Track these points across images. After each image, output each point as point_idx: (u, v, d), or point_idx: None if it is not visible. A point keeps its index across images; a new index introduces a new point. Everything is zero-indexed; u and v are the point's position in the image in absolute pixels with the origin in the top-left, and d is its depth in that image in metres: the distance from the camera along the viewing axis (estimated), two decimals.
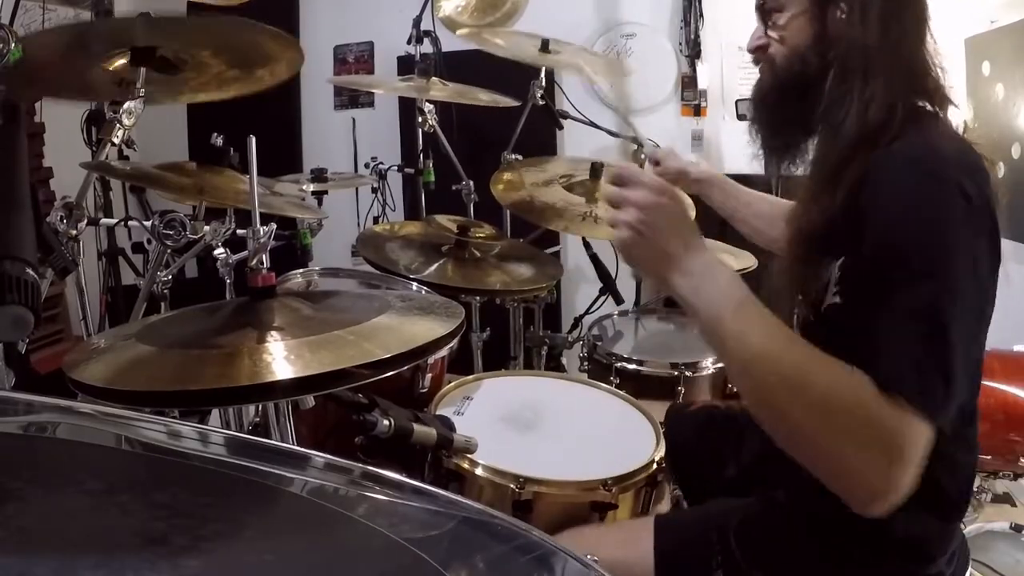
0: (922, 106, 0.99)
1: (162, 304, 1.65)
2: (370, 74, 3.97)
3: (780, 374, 0.87)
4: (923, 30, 1.01)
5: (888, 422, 0.81)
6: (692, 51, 3.47)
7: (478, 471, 1.20)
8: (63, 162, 2.90)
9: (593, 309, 2.48)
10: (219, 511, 0.55)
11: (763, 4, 1.09)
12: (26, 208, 0.89)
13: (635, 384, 1.88)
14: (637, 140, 1.73)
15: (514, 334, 2.37)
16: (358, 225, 3.48)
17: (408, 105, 3.43)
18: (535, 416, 1.43)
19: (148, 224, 1.48)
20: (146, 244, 2.86)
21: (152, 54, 1.46)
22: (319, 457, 0.64)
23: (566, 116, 2.54)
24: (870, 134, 0.95)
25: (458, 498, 0.61)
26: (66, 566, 0.45)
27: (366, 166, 3.10)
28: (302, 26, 4.07)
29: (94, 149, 1.64)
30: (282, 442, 1.13)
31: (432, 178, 2.79)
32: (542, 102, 2.40)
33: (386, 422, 0.98)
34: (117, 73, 1.51)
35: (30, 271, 0.81)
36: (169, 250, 1.52)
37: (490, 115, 2.24)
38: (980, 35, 2.57)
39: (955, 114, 1.03)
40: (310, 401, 1.01)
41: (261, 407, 1.39)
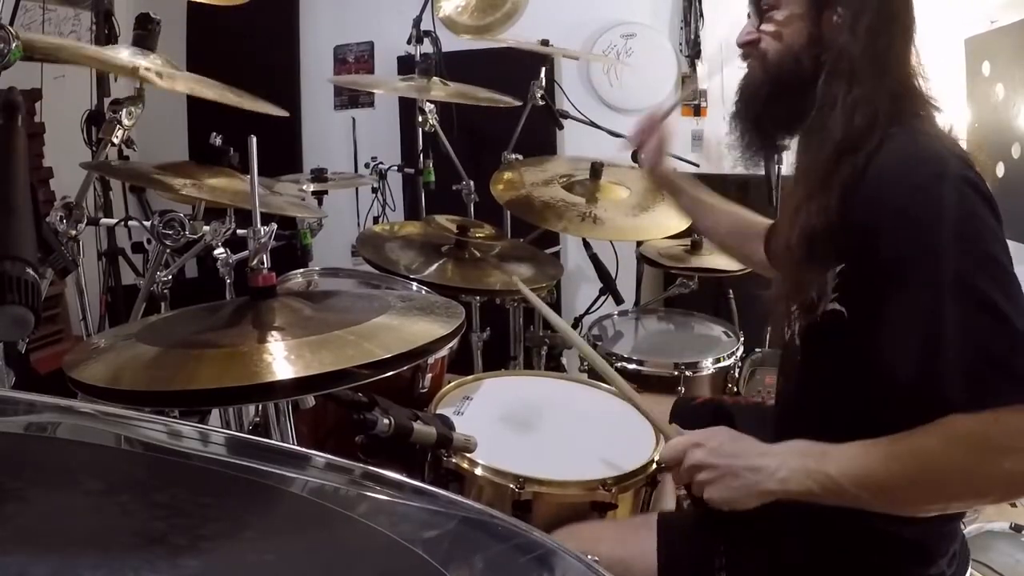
0: (907, 110, 1.00)
1: (162, 304, 1.65)
2: (370, 74, 3.97)
3: (906, 478, 0.88)
4: (909, 41, 1.03)
5: (994, 428, 0.81)
6: (692, 51, 3.47)
7: (478, 471, 1.20)
8: (63, 162, 2.91)
9: (593, 309, 2.48)
10: (219, 511, 0.55)
11: None
12: (26, 208, 0.89)
13: (635, 384, 1.88)
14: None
15: (514, 334, 2.37)
16: (358, 225, 3.48)
17: (408, 105, 3.44)
18: (535, 416, 1.43)
19: (148, 224, 1.49)
20: (146, 244, 2.85)
21: None
22: (319, 457, 0.64)
23: (566, 116, 2.54)
24: (857, 138, 0.97)
25: (458, 498, 0.61)
26: (66, 566, 0.45)
27: (366, 166, 3.10)
28: (302, 26, 4.05)
29: (94, 149, 1.64)
30: (282, 442, 1.13)
31: (432, 178, 2.79)
32: (542, 102, 2.40)
33: (386, 421, 0.98)
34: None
35: (30, 271, 0.81)
36: (169, 250, 1.53)
37: (490, 115, 2.24)
38: (980, 35, 2.57)
39: (955, 114, 1.04)
40: (310, 401, 1.01)
41: (261, 407, 1.39)
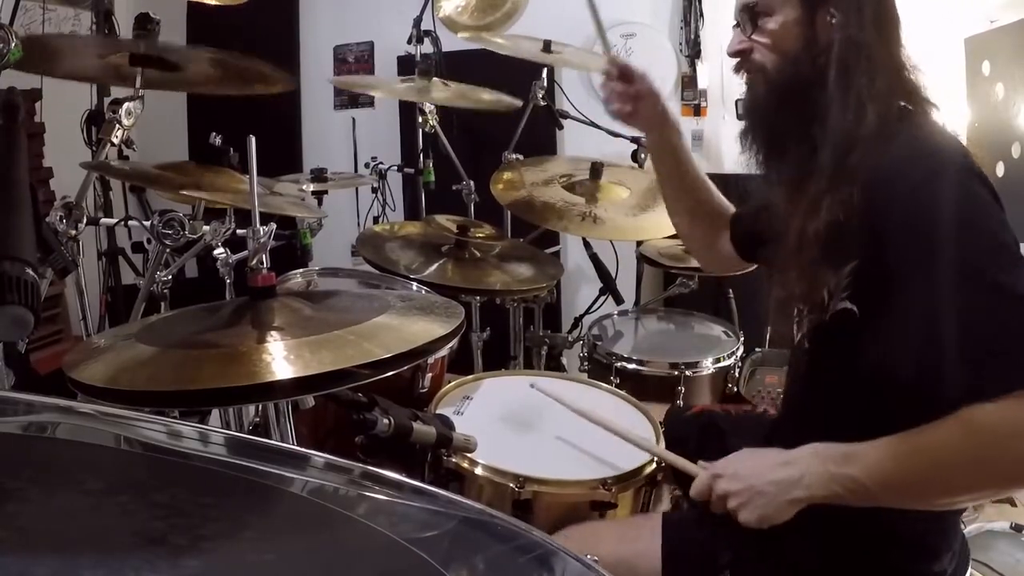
0: (913, 104, 1.00)
1: (162, 304, 1.65)
2: (370, 74, 3.97)
3: (930, 473, 0.89)
4: (900, 32, 1.03)
5: (1007, 416, 0.82)
6: (692, 51, 3.47)
7: (478, 471, 1.20)
8: (63, 162, 2.90)
9: (593, 309, 2.48)
10: (219, 511, 0.55)
11: (752, 7, 1.08)
12: (26, 208, 0.89)
13: (635, 384, 1.89)
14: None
15: (514, 334, 2.37)
16: (358, 225, 3.48)
17: (408, 105, 3.43)
18: (535, 416, 1.43)
19: (148, 224, 1.49)
20: (146, 244, 2.85)
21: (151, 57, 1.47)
22: (319, 457, 0.64)
23: (566, 116, 2.54)
24: (870, 132, 0.96)
25: (458, 498, 0.61)
26: (66, 566, 0.45)
27: (366, 166, 3.10)
28: (302, 26, 4.04)
29: (94, 149, 1.64)
30: (282, 442, 1.13)
31: (432, 178, 2.79)
32: (543, 102, 2.40)
33: (386, 420, 0.98)
34: (116, 67, 1.52)
35: (30, 271, 0.81)
36: (169, 250, 1.53)
37: (490, 115, 2.24)
38: (980, 35, 2.57)
39: (955, 114, 1.04)
40: (310, 401, 1.01)
41: (261, 407, 1.39)
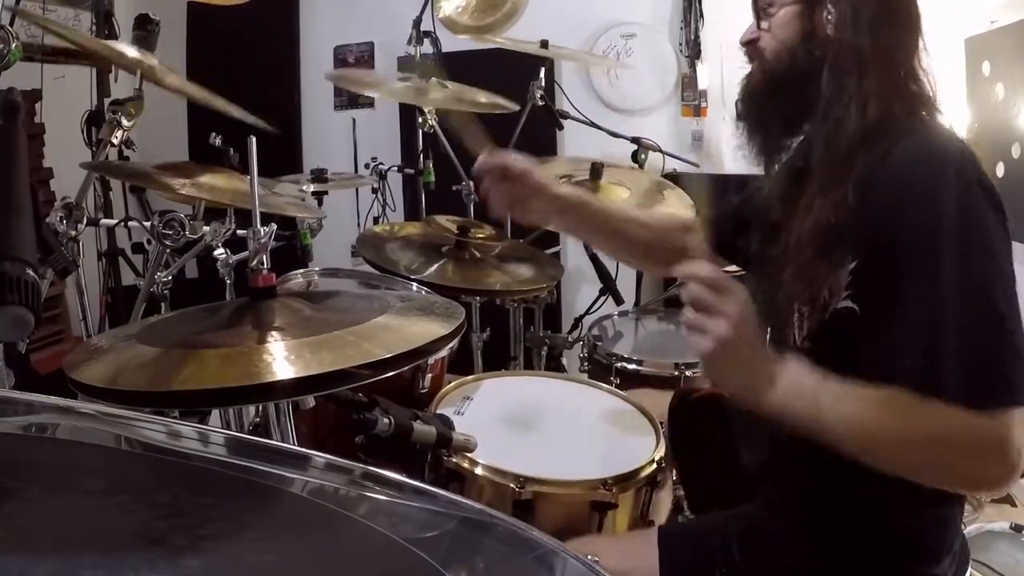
0: (919, 105, 1.00)
1: (162, 304, 1.65)
2: None
3: (885, 437, 0.89)
4: (916, 38, 1.01)
5: (988, 431, 0.83)
6: (692, 51, 3.48)
7: (478, 471, 1.20)
8: (63, 162, 2.90)
9: (593, 309, 2.48)
10: (219, 511, 0.55)
11: None
12: (26, 209, 0.89)
13: (635, 384, 1.88)
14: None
15: (514, 334, 2.37)
16: (358, 225, 3.48)
17: (408, 105, 3.43)
18: (535, 416, 1.43)
19: (148, 224, 1.49)
20: (146, 244, 2.85)
21: None
22: (319, 457, 0.64)
23: (566, 116, 2.54)
24: (871, 131, 0.96)
25: (458, 498, 0.61)
26: (66, 566, 0.45)
27: (366, 166, 3.10)
28: (302, 26, 4.04)
29: (94, 149, 1.64)
30: (282, 442, 1.13)
31: (432, 178, 2.79)
32: (542, 102, 2.40)
33: (386, 420, 0.98)
34: None
35: (30, 272, 0.81)
36: (169, 250, 1.53)
37: (490, 115, 2.24)
38: (980, 35, 2.57)
39: (955, 114, 1.04)
40: (310, 401, 1.01)
41: (261, 407, 1.39)
